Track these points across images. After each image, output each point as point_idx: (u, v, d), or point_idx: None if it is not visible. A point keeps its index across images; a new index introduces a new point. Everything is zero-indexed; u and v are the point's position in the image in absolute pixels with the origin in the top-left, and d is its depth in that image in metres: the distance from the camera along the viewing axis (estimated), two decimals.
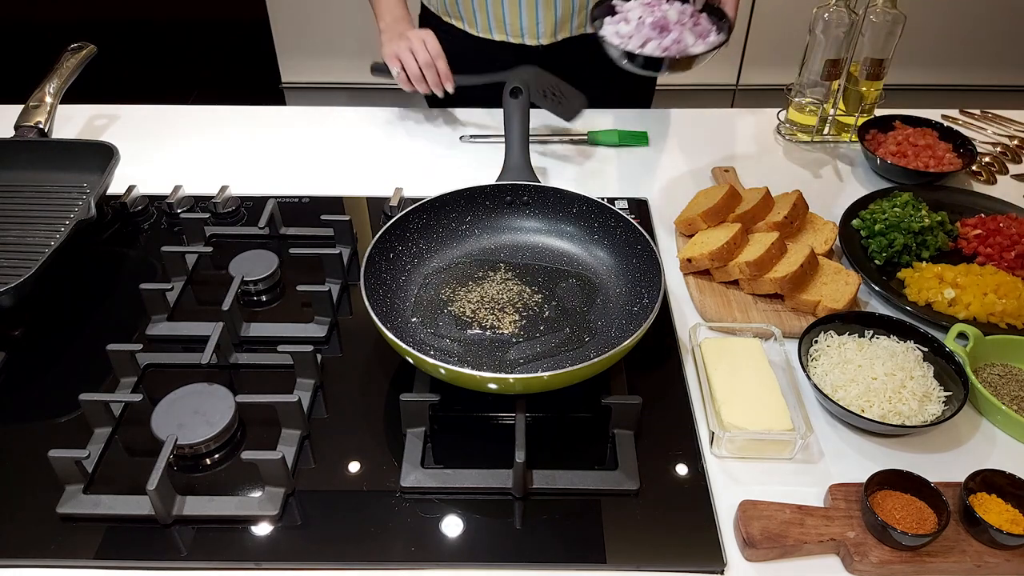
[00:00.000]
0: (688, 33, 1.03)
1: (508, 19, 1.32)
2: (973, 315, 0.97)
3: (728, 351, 0.90)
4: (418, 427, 0.83)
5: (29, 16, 3.43)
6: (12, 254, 1.05)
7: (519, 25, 1.33)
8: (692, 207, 1.11)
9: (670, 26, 1.03)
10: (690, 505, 0.78)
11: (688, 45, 1.03)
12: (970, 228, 1.10)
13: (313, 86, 2.79)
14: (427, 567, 0.73)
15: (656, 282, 0.90)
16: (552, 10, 1.31)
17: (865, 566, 0.72)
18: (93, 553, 0.73)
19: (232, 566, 0.73)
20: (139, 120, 1.38)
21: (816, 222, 1.10)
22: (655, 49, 1.02)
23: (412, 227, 1.00)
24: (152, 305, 0.96)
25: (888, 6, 1.22)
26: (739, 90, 2.79)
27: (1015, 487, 0.75)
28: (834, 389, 0.86)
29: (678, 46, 1.03)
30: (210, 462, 0.81)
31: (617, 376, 0.88)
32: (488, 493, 0.78)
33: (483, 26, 1.35)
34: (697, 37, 1.04)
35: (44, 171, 1.16)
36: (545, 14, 1.31)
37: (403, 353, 0.81)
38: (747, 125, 1.40)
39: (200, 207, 1.16)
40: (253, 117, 1.40)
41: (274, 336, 0.95)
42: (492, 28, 1.35)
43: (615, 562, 0.73)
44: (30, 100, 1.21)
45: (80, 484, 0.77)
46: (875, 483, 0.75)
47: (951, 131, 1.29)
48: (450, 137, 1.34)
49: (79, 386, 0.84)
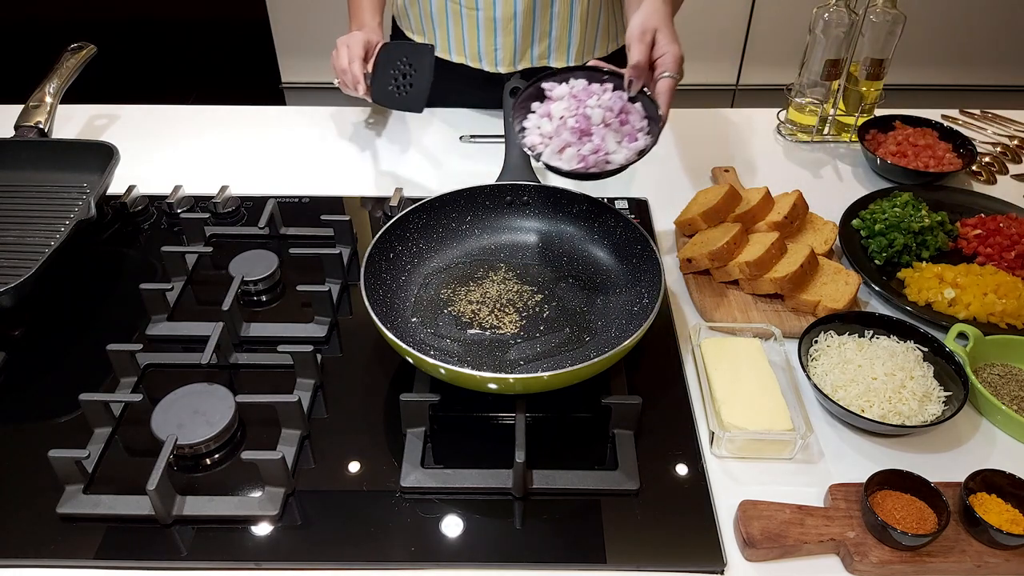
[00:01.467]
0: (611, 137, 0.92)
1: (467, 41, 1.31)
2: (973, 315, 0.97)
3: (728, 351, 0.90)
4: (418, 427, 0.83)
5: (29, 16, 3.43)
6: (12, 254, 1.05)
7: (477, 48, 1.31)
8: (692, 207, 1.11)
9: (592, 129, 0.91)
10: (690, 505, 0.78)
11: (610, 153, 0.92)
12: (970, 228, 1.10)
13: (313, 86, 2.79)
14: (427, 567, 0.73)
15: (656, 282, 0.90)
16: (511, 35, 1.28)
17: (865, 566, 0.72)
18: (93, 553, 0.73)
19: (232, 566, 0.73)
20: (139, 120, 1.38)
21: (816, 222, 1.10)
22: (572, 159, 0.92)
23: (412, 227, 1.00)
24: (152, 305, 0.96)
25: (888, 6, 1.22)
26: (739, 90, 2.79)
27: (1015, 487, 0.75)
28: (834, 389, 0.86)
29: (597, 156, 0.91)
30: (210, 462, 0.81)
31: (617, 376, 0.88)
32: (488, 493, 0.78)
33: (443, 47, 1.33)
34: (623, 138, 0.93)
35: (44, 171, 1.16)
36: (504, 40, 1.28)
37: (403, 353, 0.81)
38: (747, 125, 1.40)
39: (200, 207, 1.16)
40: (253, 117, 1.40)
41: (274, 336, 0.95)
42: (452, 50, 1.33)
43: (615, 562, 0.73)
44: (30, 100, 1.21)
45: (80, 484, 0.77)
46: (875, 483, 0.75)
47: (951, 131, 1.29)
48: (450, 137, 1.34)
49: (79, 386, 0.84)
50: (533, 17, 1.27)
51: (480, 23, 1.28)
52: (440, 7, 1.29)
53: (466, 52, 1.32)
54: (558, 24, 1.28)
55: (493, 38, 1.29)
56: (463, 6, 1.27)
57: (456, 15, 1.29)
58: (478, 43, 1.30)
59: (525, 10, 1.25)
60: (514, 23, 1.27)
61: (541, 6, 1.26)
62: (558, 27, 1.29)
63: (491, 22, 1.27)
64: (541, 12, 1.27)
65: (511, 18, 1.26)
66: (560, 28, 1.29)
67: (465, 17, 1.28)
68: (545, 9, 1.26)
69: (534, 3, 1.25)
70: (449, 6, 1.29)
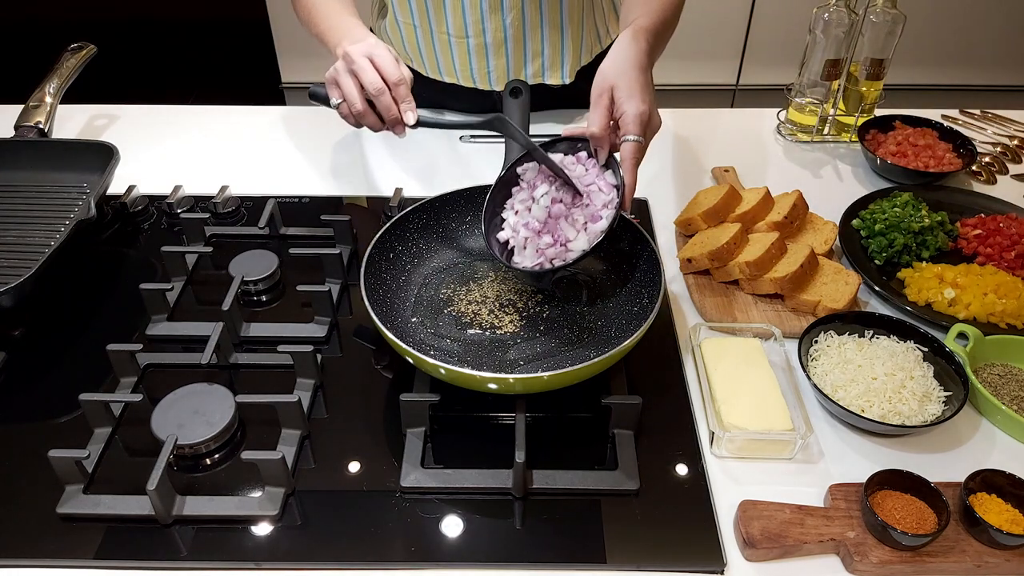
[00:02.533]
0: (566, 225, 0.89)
1: (458, 65, 1.28)
2: (973, 315, 0.97)
3: (728, 351, 0.90)
4: (418, 427, 0.83)
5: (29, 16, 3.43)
6: (12, 254, 1.05)
7: (470, 71, 1.29)
8: (692, 207, 1.11)
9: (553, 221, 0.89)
10: (690, 505, 0.78)
11: (569, 241, 0.89)
12: (970, 228, 1.10)
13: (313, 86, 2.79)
14: (427, 567, 0.73)
15: (656, 282, 0.90)
16: (503, 58, 1.26)
17: (865, 566, 0.72)
18: (93, 553, 0.73)
19: (232, 566, 0.73)
20: (139, 120, 1.38)
21: (816, 222, 1.10)
22: (532, 256, 0.90)
23: (412, 227, 1.00)
24: (152, 305, 0.96)
25: (888, 6, 1.22)
26: (739, 90, 2.79)
27: (1015, 487, 0.75)
28: (834, 389, 0.86)
29: (555, 249, 0.89)
30: (210, 462, 0.81)
31: (617, 376, 0.88)
32: (488, 493, 0.78)
33: (432, 69, 1.31)
34: (586, 220, 0.89)
35: (44, 171, 1.16)
36: (496, 62, 1.27)
37: (403, 353, 0.81)
38: (747, 125, 1.40)
39: (200, 207, 1.16)
40: (253, 117, 1.40)
41: (274, 336, 0.95)
42: (442, 71, 1.30)
43: (615, 562, 0.73)
44: (30, 100, 1.21)
45: (80, 484, 0.77)
46: (875, 483, 0.75)
47: (951, 131, 1.29)
48: (450, 137, 1.34)
49: (79, 386, 0.84)
50: (524, 39, 1.24)
51: (471, 49, 1.25)
52: (427, 38, 1.27)
53: (458, 75, 1.30)
54: (549, 45, 1.26)
55: (485, 62, 1.27)
56: (452, 36, 1.24)
57: (444, 44, 1.26)
58: (470, 67, 1.28)
59: (515, 35, 1.23)
60: (505, 47, 1.24)
61: (531, 28, 1.23)
62: (549, 47, 1.27)
63: (482, 48, 1.25)
64: (531, 34, 1.24)
65: (502, 43, 1.24)
66: (552, 48, 1.27)
67: (455, 45, 1.25)
68: (535, 31, 1.24)
69: (524, 26, 1.22)
70: (436, 36, 1.26)
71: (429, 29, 1.25)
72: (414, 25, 1.26)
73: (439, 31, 1.25)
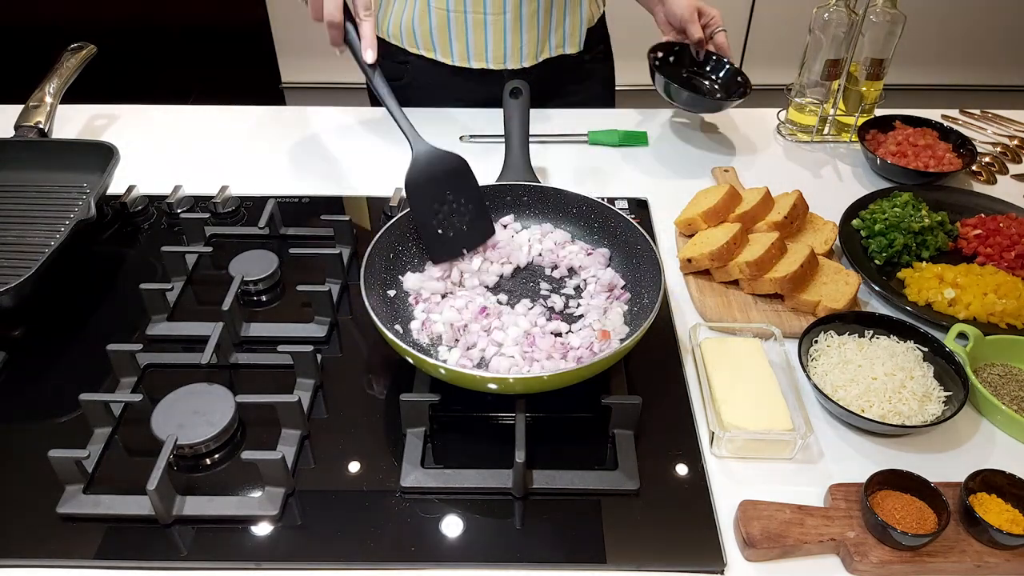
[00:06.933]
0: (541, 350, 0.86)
1: (491, 46, 1.31)
2: (973, 315, 0.97)
3: (728, 351, 0.90)
4: (418, 427, 0.83)
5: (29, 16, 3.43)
6: (12, 254, 1.05)
7: (503, 50, 1.32)
8: (692, 207, 1.11)
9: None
10: (690, 505, 0.78)
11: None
12: (970, 228, 1.10)
13: (313, 86, 2.79)
14: (427, 567, 0.73)
15: (656, 282, 0.90)
16: (535, 30, 1.30)
17: (865, 566, 0.72)
18: (93, 553, 0.73)
19: (232, 566, 0.73)
20: (139, 120, 1.38)
21: (816, 222, 1.10)
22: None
23: (412, 227, 1.00)
24: (152, 305, 0.96)
25: (888, 6, 1.22)
26: None
27: (1015, 487, 0.75)
28: (834, 389, 0.86)
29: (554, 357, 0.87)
30: (210, 462, 0.81)
31: (617, 376, 0.88)
32: (488, 493, 0.78)
33: (460, 55, 1.33)
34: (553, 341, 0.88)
35: (44, 171, 1.16)
36: (528, 36, 1.31)
37: (403, 353, 0.81)
38: (747, 125, 1.40)
39: (200, 207, 1.16)
40: (253, 117, 1.40)
41: (274, 336, 0.95)
42: (471, 56, 1.33)
43: (615, 562, 0.73)
44: (30, 100, 1.20)
45: (80, 484, 0.77)
46: (875, 483, 0.75)
47: (951, 131, 1.29)
48: (450, 137, 1.34)
49: (79, 386, 0.84)
50: (551, 12, 1.31)
51: (507, 28, 1.29)
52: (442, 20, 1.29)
53: (488, 57, 1.33)
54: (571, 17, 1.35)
55: (519, 37, 1.31)
56: (468, 12, 1.28)
57: (460, 22, 1.29)
58: (505, 45, 1.31)
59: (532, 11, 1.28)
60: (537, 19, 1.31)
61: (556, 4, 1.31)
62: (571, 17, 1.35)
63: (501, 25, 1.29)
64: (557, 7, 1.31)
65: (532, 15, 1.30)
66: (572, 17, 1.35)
67: (471, 23, 1.29)
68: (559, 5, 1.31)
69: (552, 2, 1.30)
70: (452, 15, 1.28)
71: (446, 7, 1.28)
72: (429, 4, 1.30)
73: (456, 8, 1.28)
